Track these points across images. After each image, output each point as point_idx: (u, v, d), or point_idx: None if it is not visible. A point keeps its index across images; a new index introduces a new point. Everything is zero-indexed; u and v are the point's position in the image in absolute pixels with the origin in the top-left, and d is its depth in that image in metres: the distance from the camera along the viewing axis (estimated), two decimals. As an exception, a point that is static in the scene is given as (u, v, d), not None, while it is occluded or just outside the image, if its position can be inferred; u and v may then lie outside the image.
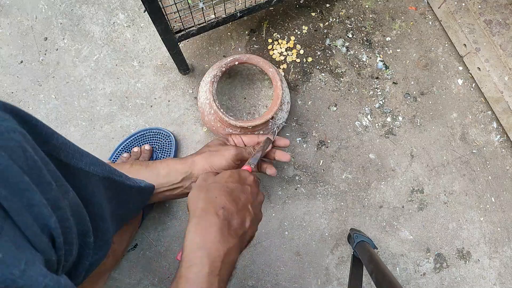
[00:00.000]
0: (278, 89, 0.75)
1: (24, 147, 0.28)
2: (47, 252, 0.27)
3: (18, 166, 0.26)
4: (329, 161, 0.89)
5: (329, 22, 0.96)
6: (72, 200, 0.33)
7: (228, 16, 0.75)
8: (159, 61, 0.91)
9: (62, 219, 0.30)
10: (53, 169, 0.31)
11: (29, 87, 0.88)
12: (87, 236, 0.36)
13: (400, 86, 0.94)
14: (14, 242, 0.25)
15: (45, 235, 0.28)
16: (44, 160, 0.30)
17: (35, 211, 0.27)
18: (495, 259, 0.87)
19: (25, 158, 0.27)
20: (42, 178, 0.29)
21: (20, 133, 0.28)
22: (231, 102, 0.88)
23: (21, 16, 0.91)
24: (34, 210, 0.27)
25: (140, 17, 0.93)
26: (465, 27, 0.89)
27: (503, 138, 0.92)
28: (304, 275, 0.83)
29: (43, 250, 0.27)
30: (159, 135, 0.85)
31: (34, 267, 0.25)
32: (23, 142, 0.28)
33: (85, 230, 0.35)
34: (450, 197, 0.89)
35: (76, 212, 0.34)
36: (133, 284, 0.80)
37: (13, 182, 0.26)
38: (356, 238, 0.76)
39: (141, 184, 0.49)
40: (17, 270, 0.23)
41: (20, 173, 0.26)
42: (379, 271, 0.60)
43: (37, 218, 0.27)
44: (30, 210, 0.26)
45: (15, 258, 0.24)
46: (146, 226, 0.83)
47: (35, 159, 0.28)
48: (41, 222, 0.27)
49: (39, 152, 0.30)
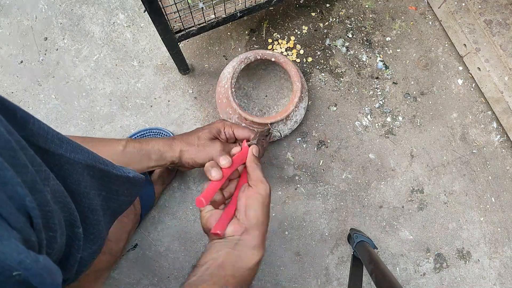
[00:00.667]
0: (292, 105, 0.76)
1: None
2: (25, 231, 0.27)
3: None
4: (329, 161, 0.89)
5: (329, 22, 0.96)
6: (54, 187, 0.33)
7: (228, 16, 0.75)
8: (159, 61, 0.91)
9: (41, 203, 0.30)
10: (30, 154, 0.31)
11: (29, 87, 0.88)
12: (75, 226, 0.36)
13: (400, 86, 0.94)
14: None
15: (22, 214, 0.27)
16: (20, 143, 0.30)
17: (9, 189, 0.27)
18: (495, 259, 0.87)
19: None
20: (16, 160, 0.28)
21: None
22: (252, 92, 0.89)
23: (21, 16, 0.91)
24: (8, 188, 0.27)
25: (140, 17, 0.93)
26: (465, 27, 0.89)
27: (503, 138, 0.92)
28: (304, 275, 0.83)
29: (19, 229, 0.26)
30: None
31: (9, 242, 0.25)
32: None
33: (72, 219, 0.35)
34: (450, 197, 0.89)
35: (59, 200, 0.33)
36: (133, 284, 0.80)
37: None
38: (356, 238, 0.76)
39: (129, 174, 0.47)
40: None
41: None
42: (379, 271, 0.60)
43: (12, 197, 0.27)
44: (4, 189, 0.26)
45: None
46: (146, 226, 0.83)
47: (7, 139, 0.28)
48: (17, 201, 0.27)
49: (14, 134, 0.29)
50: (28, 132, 0.32)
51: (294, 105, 0.76)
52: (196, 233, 0.83)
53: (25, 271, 0.25)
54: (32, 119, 0.33)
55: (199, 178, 0.86)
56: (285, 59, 0.78)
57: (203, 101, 0.89)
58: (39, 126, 0.33)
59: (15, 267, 0.25)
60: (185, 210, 0.84)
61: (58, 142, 0.35)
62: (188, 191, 0.85)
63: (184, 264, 0.82)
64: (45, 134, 0.34)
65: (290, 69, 0.78)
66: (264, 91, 0.89)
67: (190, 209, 0.84)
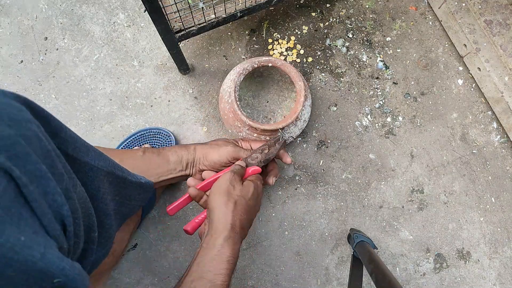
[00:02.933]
0: (299, 105, 0.76)
1: (40, 137, 0.28)
2: (60, 239, 0.28)
3: (36, 154, 0.27)
4: (329, 161, 0.89)
5: (329, 22, 0.96)
6: (79, 194, 0.34)
7: (228, 16, 0.75)
8: (159, 61, 0.91)
9: (72, 210, 0.31)
10: (63, 161, 0.32)
11: (29, 87, 0.88)
12: (92, 230, 0.36)
13: (400, 86, 0.94)
14: (31, 227, 0.25)
15: (58, 222, 0.28)
16: (56, 151, 0.31)
17: (50, 199, 0.27)
18: (495, 259, 0.87)
19: (41, 147, 0.28)
20: (55, 169, 0.29)
21: (35, 124, 0.29)
22: (253, 100, 0.89)
23: (21, 15, 0.91)
24: (49, 197, 0.27)
25: (140, 17, 0.93)
26: (465, 27, 0.89)
27: (503, 138, 0.92)
28: (304, 275, 0.83)
29: (56, 237, 0.27)
30: (159, 135, 0.85)
31: (52, 251, 0.26)
32: (39, 132, 0.29)
33: (90, 224, 0.36)
34: (450, 197, 0.89)
35: (82, 205, 0.34)
36: (133, 283, 0.80)
37: (32, 169, 0.26)
38: (356, 238, 0.76)
39: (142, 180, 0.49)
40: (38, 253, 0.24)
41: (38, 161, 0.27)
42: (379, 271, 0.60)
43: (51, 206, 0.28)
44: (46, 198, 0.27)
45: (35, 241, 0.24)
46: (146, 226, 0.83)
47: (49, 149, 0.29)
48: (55, 209, 0.28)
49: (52, 143, 0.30)
50: (60, 139, 0.33)
51: (301, 105, 0.76)
52: (196, 233, 0.83)
53: (65, 277, 0.26)
54: (65, 128, 0.34)
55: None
56: (282, 62, 0.78)
57: (204, 101, 0.89)
58: (70, 134, 0.35)
59: (57, 274, 0.26)
60: (185, 210, 0.84)
61: (85, 150, 0.36)
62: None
63: (184, 264, 0.82)
64: (74, 142, 0.35)
65: (290, 71, 0.78)
66: (264, 97, 0.89)
67: (190, 209, 0.84)
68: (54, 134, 0.32)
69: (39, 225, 0.26)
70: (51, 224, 0.27)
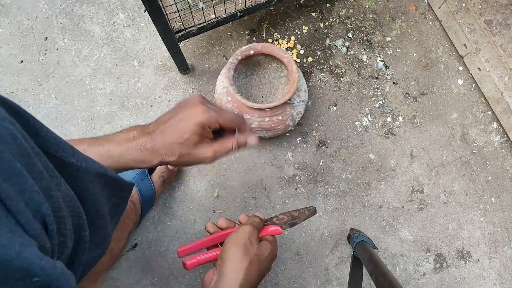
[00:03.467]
0: (294, 73, 0.75)
1: (15, 135, 0.28)
2: (41, 238, 0.28)
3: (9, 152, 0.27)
4: (329, 161, 0.89)
5: (329, 22, 0.96)
6: (65, 192, 0.33)
7: (228, 16, 0.75)
8: (159, 60, 0.91)
9: (55, 209, 0.30)
10: (44, 160, 0.31)
11: (29, 87, 0.88)
12: (82, 229, 0.36)
13: (400, 86, 0.94)
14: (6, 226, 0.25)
15: (38, 221, 0.28)
16: (35, 150, 0.30)
17: (27, 197, 0.27)
18: (495, 260, 0.87)
19: (16, 145, 0.28)
20: (33, 167, 0.29)
21: (10, 122, 0.28)
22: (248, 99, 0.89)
23: (21, 15, 0.91)
24: (25, 195, 0.27)
25: (140, 16, 0.93)
26: (465, 27, 0.89)
27: (503, 138, 0.92)
28: (304, 275, 0.83)
29: (36, 236, 0.27)
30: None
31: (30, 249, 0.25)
32: (14, 130, 0.28)
33: (80, 223, 0.35)
34: (450, 197, 0.89)
35: (69, 204, 0.34)
36: (132, 283, 0.80)
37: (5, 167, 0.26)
38: (356, 238, 0.76)
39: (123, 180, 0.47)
40: (13, 251, 0.24)
41: (11, 159, 0.27)
42: (379, 271, 0.60)
43: (29, 204, 0.27)
44: (22, 196, 0.27)
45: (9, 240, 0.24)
46: (146, 226, 0.83)
47: (25, 146, 0.28)
48: (34, 208, 0.27)
49: (30, 141, 0.30)
50: (40, 139, 0.32)
51: (296, 72, 0.74)
52: (195, 233, 0.83)
53: (45, 276, 0.26)
54: (45, 128, 0.33)
55: (199, 178, 0.86)
56: (263, 44, 0.77)
57: (203, 101, 0.89)
58: (51, 135, 0.34)
59: (37, 273, 0.25)
60: (185, 210, 0.84)
61: (70, 151, 0.36)
62: (188, 191, 0.85)
63: (184, 264, 0.82)
64: (57, 143, 0.34)
65: (272, 50, 0.77)
66: (257, 93, 0.89)
67: (190, 209, 0.84)
68: (34, 133, 0.32)
69: (15, 223, 0.25)
70: (29, 222, 0.26)
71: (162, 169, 0.81)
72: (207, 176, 0.86)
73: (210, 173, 0.86)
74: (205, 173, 0.86)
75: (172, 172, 0.82)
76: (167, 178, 0.82)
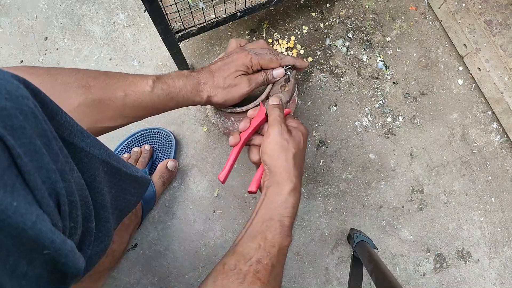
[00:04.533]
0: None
1: (36, 115, 0.28)
2: (54, 216, 0.28)
3: (31, 129, 0.27)
4: (329, 161, 0.89)
5: (329, 22, 0.96)
6: (77, 180, 0.33)
7: (228, 16, 0.75)
8: (159, 60, 0.91)
9: (68, 192, 0.30)
10: (60, 144, 0.32)
11: (29, 87, 0.88)
12: (90, 220, 0.36)
13: (400, 86, 0.94)
14: (25, 198, 0.25)
15: (52, 200, 0.28)
16: (53, 133, 0.31)
17: (44, 175, 0.27)
18: (495, 260, 0.87)
19: (36, 124, 0.28)
20: (50, 148, 0.29)
21: (33, 102, 0.29)
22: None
23: (21, 15, 0.91)
24: (43, 173, 0.27)
25: (140, 16, 0.93)
26: (465, 28, 0.89)
27: (503, 138, 0.92)
28: (304, 275, 0.83)
29: (49, 213, 0.27)
30: (159, 135, 0.85)
31: (44, 222, 0.26)
32: (35, 110, 0.29)
33: (88, 214, 0.36)
34: (450, 197, 0.89)
35: (79, 192, 0.34)
36: (133, 283, 0.80)
37: (27, 142, 0.26)
38: (356, 238, 0.76)
39: (138, 174, 0.48)
40: (29, 221, 0.24)
41: (33, 136, 0.27)
42: (379, 271, 0.60)
43: (45, 182, 0.27)
44: (39, 173, 0.27)
45: (27, 210, 0.24)
46: (146, 226, 0.83)
47: (45, 128, 0.29)
48: (49, 186, 0.28)
49: (48, 124, 0.30)
50: (56, 123, 0.33)
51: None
52: (196, 232, 0.83)
53: (55, 251, 0.26)
54: (61, 111, 0.34)
55: (199, 178, 0.86)
56: None
57: (203, 101, 0.89)
58: (65, 119, 0.34)
59: (48, 246, 0.26)
60: (185, 210, 0.84)
61: (81, 135, 0.36)
62: (188, 191, 0.85)
63: (183, 263, 0.82)
64: (70, 127, 0.35)
65: None
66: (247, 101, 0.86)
67: (190, 209, 0.84)
68: (50, 117, 0.32)
69: (32, 198, 0.26)
70: (44, 199, 0.27)
71: (162, 170, 0.81)
72: (207, 176, 0.86)
73: (210, 173, 0.86)
74: (205, 173, 0.86)
75: (172, 172, 0.82)
76: (167, 178, 0.82)
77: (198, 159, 0.87)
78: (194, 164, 0.87)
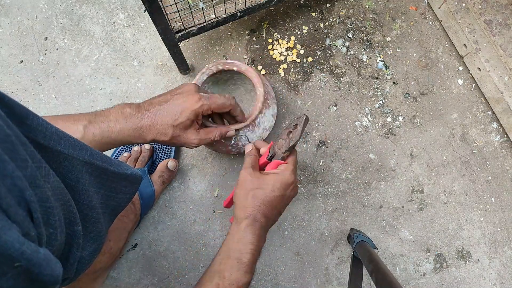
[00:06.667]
0: (256, 111, 0.71)
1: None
2: (24, 225, 0.27)
3: None
4: (329, 161, 0.89)
5: (329, 22, 0.96)
6: (54, 184, 0.32)
7: (228, 16, 0.75)
8: (159, 60, 0.91)
9: (41, 199, 0.29)
10: (30, 150, 0.30)
11: (29, 87, 0.88)
12: (75, 224, 0.35)
13: (400, 86, 0.94)
14: None
15: (22, 208, 0.27)
16: (20, 138, 0.29)
17: (9, 182, 0.26)
18: (495, 260, 0.87)
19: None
20: (16, 154, 0.28)
21: None
22: None
23: (21, 15, 0.91)
24: (7, 181, 0.26)
25: (140, 16, 0.93)
26: (465, 28, 0.89)
27: (503, 138, 0.92)
28: (304, 275, 0.83)
29: (19, 222, 0.26)
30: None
31: (11, 233, 0.24)
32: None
33: (71, 217, 0.35)
34: (450, 197, 0.89)
35: (59, 197, 0.33)
36: (132, 283, 0.80)
37: None
38: (356, 238, 0.76)
39: (127, 171, 0.46)
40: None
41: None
42: (379, 271, 0.60)
43: (11, 190, 0.26)
44: (3, 181, 0.26)
45: None
46: (146, 226, 0.83)
47: (8, 133, 0.27)
48: (17, 194, 0.27)
49: (14, 129, 0.29)
50: (26, 127, 0.31)
51: (258, 111, 0.71)
52: (195, 233, 0.83)
53: (26, 261, 0.25)
54: (31, 115, 0.32)
55: (199, 178, 0.86)
56: (247, 67, 0.73)
57: (203, 101, 0.89)
58: (37, 122, 0.33)
59: (17, 258, 0.24)
60: (185, 210, 0.84)
61: (57, 138, 0.35)
62: (188, 191, 0.85)
63: (183, 263, 0.82)
64: (43, 130, 0.33)
65: (252, 77, 0.73)
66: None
67: (190, 209, 0.84)
68: (19, 121, 0.31)
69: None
70: (11, 208, 0.26)
71: (162, 170, 0.81)
72: (207, 176, 0.86)
73: (210, 173, 0.86)
74: (205, 173, 0.86)
75: (172, 172, 0.82)
76: (167, 178, 0.82)
77: (198, 159, 0.87)
78: (194, 164, 0.87)
